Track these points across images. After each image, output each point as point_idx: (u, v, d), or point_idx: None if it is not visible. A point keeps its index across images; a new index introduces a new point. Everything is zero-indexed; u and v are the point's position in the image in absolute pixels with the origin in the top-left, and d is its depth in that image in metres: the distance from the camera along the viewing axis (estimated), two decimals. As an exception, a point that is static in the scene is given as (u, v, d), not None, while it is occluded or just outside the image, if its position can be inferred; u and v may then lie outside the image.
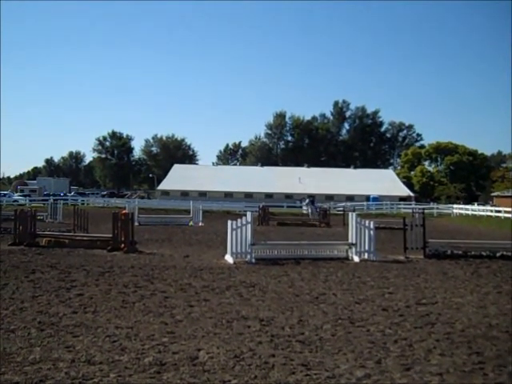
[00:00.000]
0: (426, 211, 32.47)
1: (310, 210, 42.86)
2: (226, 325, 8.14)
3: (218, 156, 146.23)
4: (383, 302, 10.15)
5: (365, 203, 67.10)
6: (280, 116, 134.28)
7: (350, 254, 16.44)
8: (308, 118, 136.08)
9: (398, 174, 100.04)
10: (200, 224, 33.05)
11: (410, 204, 66.19)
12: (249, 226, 15.71)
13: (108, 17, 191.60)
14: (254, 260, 15.46)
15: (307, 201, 43.73)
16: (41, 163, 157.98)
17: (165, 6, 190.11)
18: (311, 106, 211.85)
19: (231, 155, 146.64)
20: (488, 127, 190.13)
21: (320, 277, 13.07)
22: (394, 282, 12.54)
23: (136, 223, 24.48)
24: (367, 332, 7.84)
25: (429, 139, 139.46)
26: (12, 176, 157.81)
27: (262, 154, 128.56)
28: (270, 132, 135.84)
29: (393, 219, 38.00)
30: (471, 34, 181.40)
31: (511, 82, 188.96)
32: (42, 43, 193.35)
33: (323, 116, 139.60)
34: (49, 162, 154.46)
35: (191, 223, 33.22)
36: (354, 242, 16.41)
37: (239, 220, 15.87)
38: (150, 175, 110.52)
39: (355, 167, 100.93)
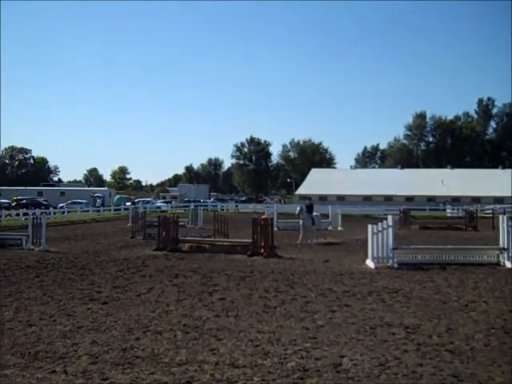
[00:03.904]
0: None
1: (301, 221, 23.96)
2: (370, 331, 7.91)
3: (355, 159, 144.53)
4: (541, 311, 9.36)
5: (516, 205, 62.93)
6: (420, 116, 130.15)
7: (502, 260, 15.39)
8: (450, 117, 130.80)
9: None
10: (339, 228, 32.74)
11: None
12: (390, 229, 15.27)
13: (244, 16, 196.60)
14: (396, 265, 14.97)
15: (299, 207, 24.40)
16: (181, 170, 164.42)
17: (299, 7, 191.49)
18: (453, 105, 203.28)
19: (369, 158, 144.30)
20: None
21: (469, 283, 12.36)
22: (552, 289, 11.54)
23: (275, 228, 24.65)
24: (525, 343, 7.24)
25: None
26: (154, 183, 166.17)
27: (401, 156, 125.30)
28: (409, 133, 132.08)
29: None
30: None
31: None
32: (175, 51, 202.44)
33: (467, 115, 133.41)
34: (189, 169, 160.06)
35: (330, 227, 33.00)
36: (505, 246, 15.35)
37: (380, 224, 15.48)
38: (288, 180, 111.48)
39: (504, 167, 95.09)
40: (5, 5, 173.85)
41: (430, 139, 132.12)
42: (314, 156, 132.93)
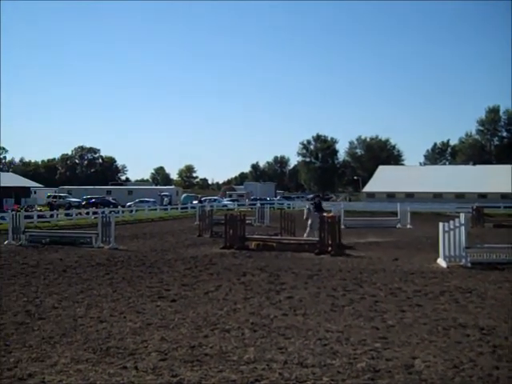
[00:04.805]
0: None
1: (309, 221, 21.80)
2: (443, 332, 7.68)
3: (425, 156, 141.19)
4: None
5: None
6: (493, 111, 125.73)
7: None
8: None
9: None
10: (408, 226, 32.13)
11: None
12: (462, 228, 14.82)
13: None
14: (469, 264, 14.51)
15: (306, 209, 22.62)
16: (247, 168, 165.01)
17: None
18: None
19: (439, 154, 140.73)
20: None
21: (547, 283, 11.83)
22: None
23: (342, 226, 24.40)
24: None
25: None
26: (221, 182, 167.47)
27: (473, 152, 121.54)
28: (482, 128, 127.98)
29: None
30: None
31: None
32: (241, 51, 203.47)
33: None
34: (255, 167, 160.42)
35: (399, 225, 32.42)
36: None
37: (451, 222, 15.04)
38: (355, 177, 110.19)
39: None
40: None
41: (504, 134, 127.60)
42: (381, 153, 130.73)
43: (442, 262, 14.88)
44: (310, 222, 21.71)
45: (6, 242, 21.44)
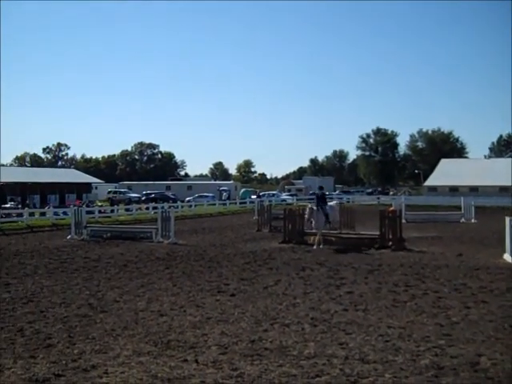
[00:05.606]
0: None
1: (313, 216, 18.84)
2: (509, 330, 7.43)
3: (490, 148, 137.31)
4: None
5: None
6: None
7: None
8: None
9: None
10: (472, 221, 31.29)
11: None
12: (530, 221, 14.30)
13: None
14: (537, 260, 14.00)
15: (308, 209, 19.39)
16: (306, 163, 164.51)
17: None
18: None
19: (505, 147, 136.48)
20: None
21: None
22: None
23: (403, 220, 23.91)
24: None
25: None
26: (279, 176, 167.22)
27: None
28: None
29: None
30: None
31: None
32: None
33: None
34: (313, 161, 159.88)
35: (462, 220, 31.63)
36: None
37: (517, 216, 14.55)
38: (416, 171, 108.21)
39: None
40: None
41: None
42: (443, 146, 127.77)
43: (508, 258, 14.41)
44: (313, 223, 19.07)
45: (68, 237, 22.09)
